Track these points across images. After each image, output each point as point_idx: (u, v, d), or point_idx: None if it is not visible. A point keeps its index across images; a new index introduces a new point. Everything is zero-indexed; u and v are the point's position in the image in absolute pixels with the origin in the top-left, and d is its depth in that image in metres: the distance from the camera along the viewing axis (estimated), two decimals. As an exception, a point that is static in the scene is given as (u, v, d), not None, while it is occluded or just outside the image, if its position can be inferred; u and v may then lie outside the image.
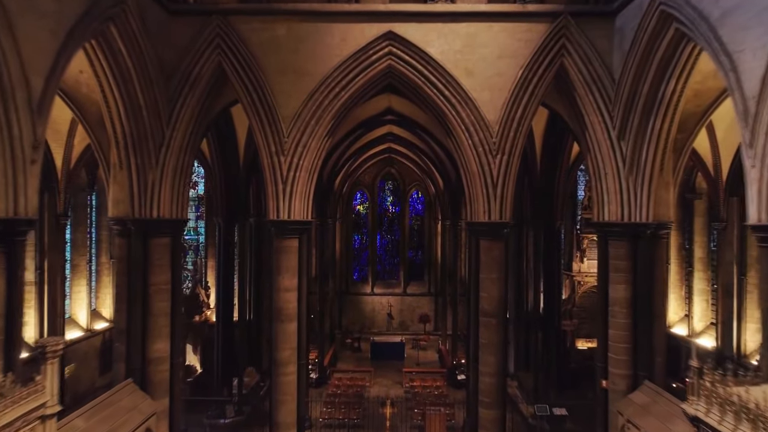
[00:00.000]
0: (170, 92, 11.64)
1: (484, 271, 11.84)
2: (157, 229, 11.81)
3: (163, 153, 11.72)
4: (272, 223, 11.91)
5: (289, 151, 11.76)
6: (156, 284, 11.80)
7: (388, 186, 33.73)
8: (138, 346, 11.69)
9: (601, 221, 12.13)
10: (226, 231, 18.21)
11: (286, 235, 11.85)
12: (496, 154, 11.73)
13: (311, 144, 11.85)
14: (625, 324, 11.61)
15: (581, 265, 21.43)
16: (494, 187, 11.75)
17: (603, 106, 11.54)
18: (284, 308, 11.78)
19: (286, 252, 11.84)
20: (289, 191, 11.80)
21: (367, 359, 26.95)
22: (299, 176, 11.84)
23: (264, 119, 11.71)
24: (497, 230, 11.82)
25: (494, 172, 11.75)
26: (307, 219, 12.20)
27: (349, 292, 32.51)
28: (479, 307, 12.00)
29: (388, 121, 19.88)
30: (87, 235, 20.16)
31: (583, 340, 22.53)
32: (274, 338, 11.90)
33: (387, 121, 19.88)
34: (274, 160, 11.77)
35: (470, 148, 11.81)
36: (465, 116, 11.73)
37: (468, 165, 11.96)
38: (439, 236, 31.89)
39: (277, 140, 11.74)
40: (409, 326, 31.99)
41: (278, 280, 11.82)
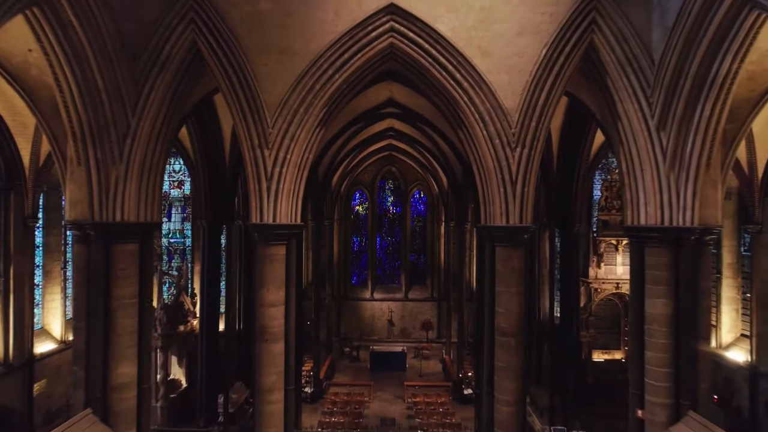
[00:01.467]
0: (136, 75, 10.00)
1: (502, 283, 10.19)
2: (121, 234, 10.17)
3: (128, 145, 10.09)
4: (255, 228, 10.27)
5: (275, 144, 10.13)
6: (120, 298, 10.16)
7: (388, 185, 32.11)
8: (99, 370, 10.05)
9: (635, 225, 10.48)
10: (211, 234, 16.57)
11: (270, 241, 10.21)
12: (516, 146, 10.08)
13: (300, 135, 10.21)
14: (666, 345, 9.96)
15: (598, 271, 19.80)
16: (513, 185, 10.11)
17: (640, 91, 9.89)
18: (268, 326, 10.13)
19: (271, 261, 10.20)
20: (274, 190, 10.16)
21: (367, 370, 25.34)
22: (286, 172, 10.20)
23: (245, 106, 10.07)
24: (517, 235, 10.17)
25: (513, 168, 10.10)
26: (296, 222, 10.56)
27: (347, 297, 30.89)
28: (495, 324, 10.35)
29: (388, 115, 18.22)
30: (61, 239, 18.51)
31: (599, 352, 20.92)
32: (257, 361, 10.26)
33: (388, 115, 18.22)
34: (256, 153, 10.14)
35: (485, 140, 10.16)
36: (479, 103, 10.09)
37: (482, 160, 10.32)
38: (442, 238, 30.26)
39: (260, 131, 10.10)
40: (411, 333, 30.37)
41: (261, 293, 10.18)
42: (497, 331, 10.26)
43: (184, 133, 15.75)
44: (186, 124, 14.85)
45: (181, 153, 16.39)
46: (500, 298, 10.24)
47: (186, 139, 15.84)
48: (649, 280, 10.24)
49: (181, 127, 12.00)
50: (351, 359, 26.80)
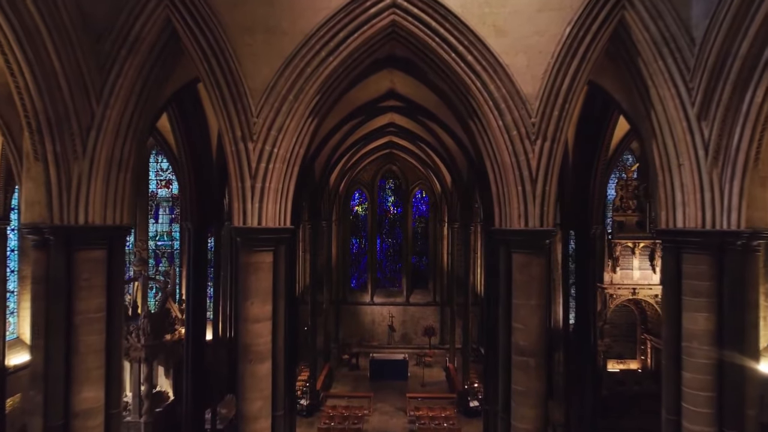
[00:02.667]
0: (101, 58, 8.73)
1: (520, 294, 8.92)
2: (85, 238, 8.89)
3: (93, 138, 8.81)
4: (237, 232, 9.01)
5: (260, 136, 8.85)
6: (84, 312, 8.88)
7: (389, 185, 30.86)
8: (60, 394, 8.78)
9: (670, 228, 9.21)
10: (197, 236, 15.29)
11: (255, 247, 8.93)
12: (536, 139, 8.81)
13: (289, 126, 8.94)
14: (707, 366, 8.70)
15: (613, 276, 18.53)
16: (533, 183, 8.83)
17: (678, 75, 8.62)
18: (252, 345, 8.86)
19: (256, 269, 8.92)
20: (259, 189, 8.88)
21: (366, 378, 24.08)
22: (273, 169, 8.92)
23: (226, 93, 8.80)
24: (537, 240, 8.90)
25: (533, 164, 8.82)
26: (285, 225, 9.29)
27: (346, 301, 29.63)
28: (511, 341, 9.07)
29: (389, 109, 16.97)
30: (38, 242, 17.21)
31: (614, 362, 19.68)
32: (240, 384, 8.98)
33: (388, 109, 16.96)
34: (239, 147, 8.87)
35: (501, 131, 8.89)
36: (494, 89, 8.81)
37: (497, 154, 9.04)
38: (445, 240, 28.99)
39: (243, 120, 8.82)
40: (413, 339, 29.11)
41: (245, 306, 8.91)
42: (514, 350, 8.98)
43: (167, 128, 14.48)
44: (169, 117, 13.61)
45: (165, 149, 15.13)
46: (518, 312, 8.96)
47: (169, 134, 14.57)
48: (687, 290, 8.97)
49: (158, 119, 10.72)
50: (350, 367, 25.54)
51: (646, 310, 19.32)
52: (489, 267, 15.34)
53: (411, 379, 23.98)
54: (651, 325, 19.24)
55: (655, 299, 18.61)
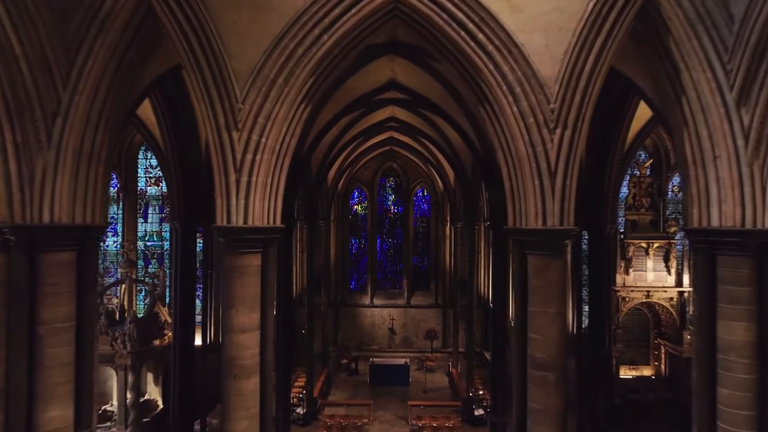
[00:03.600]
0: (67, 38, 7.78)
1: (536, 301, 7.98)
2: (51, 239, 7.97)
3: (59, 127, 7.88)
4: (220, 232, 8.07)
5: (245, 124, 7.90)
6: (49, 321, 7.95)
7: (389, 183, 29.93)
8: (22, 412, 7.86)
9: (703, 227, 8.27)
10: (185, 236, 14.37)
11: (241, 249, 7.99)
12: (555, 127, 7.86)
13: (278, 113, 7.99)
14: (747, 381, 7.77)
15: (626, 278, 17.53)
16: (552, 177, 7.89)
17: (714, 56, 7.68)
18: (238, 358, 7.92)
19: (242, 274, 7.97)
20: (245, 183, 7.94)
21: (366, 384, 23.12)
22: (260, 161, 7.98)
23: (207, 76, 7.85)
24: (556, 241, 7.96)
25: (552, 155, 7.88)
26: (274, 224, 8.34)
27: (345, 303, 28.70)
28: (528, 354, 8.13)
29: (390, 101, 16.06)
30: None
31: (626, 368, 18.69)
32: (224, 401, 8.06)
33: (389, 101, 16.06)
34: (222, 136, 7.92)
35: (516, 119, 7.95)
36: (508, 71, 7.87)
37: (512, 145, 8.10)
38: (447, 240, 28.07)
39: (227, 107, 7.87)
40: (414, 342, 28.18)
41: (230, 315, 7.97)
42: (531, 363, 8.04)
43: (153, 121, 13.54)
44: (153, 108, 12.69)
45: (151, 144, 14.20)
46: (535, 321, 8.02)
47: (155, 127, 13.63)
48: (724, 297, 8.04)
49: (137, 107, 9.79)
50: (349, 372, 24.59)
51: (659, 314, 18.35)
52: (497, 269, 14.43)
53: (412, 384, 23.04)
54: (665, 330, 18.27)
55: (669, 302, 17.66)
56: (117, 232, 19.28)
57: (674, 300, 17.64)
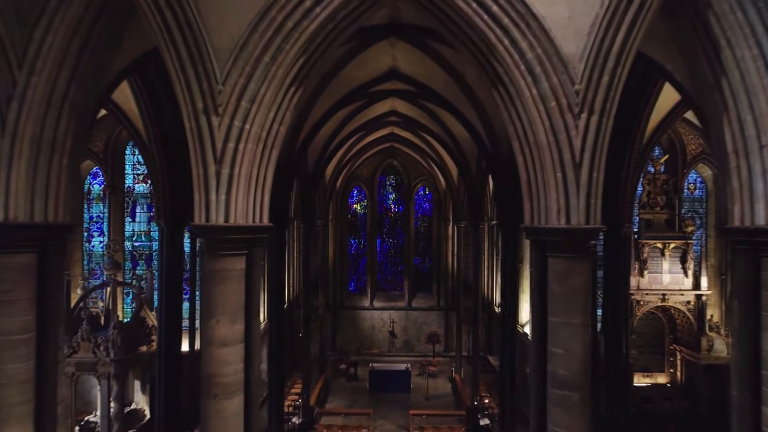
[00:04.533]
0: (23, 10, 6.81)
1: (559, 310, 7.00)
2: (5, 240, 6.99)
3: (15, 111, 6.90)
4: (199, 231, 7.10)
5: (227, 108, 6.92)
6: (3, 333, 7.00)
7: (389, 181, 28.96)
8: (-27, 437, 6.91)
9: (746, 226, 7.30)
10: (171, 236, 13.40)
11: (221, 251, 7.01)
12: (580, 111, 6.89)
13: (264, 95, 7.02)
14: (800, 401, 6.80)
15: (641, 280, 16.59)
16: (576, 169, 6.92)
17: (762, 31, 6.70)
18: (218, 375, 6.92)
19: (222, 279, 6.99)
20: (226, 176, 6.96)
21: (365, 390, 22.15)
22: (244, 150, 7.01)
23: (183, 53, 6.87)
24: (581, 242, 7.00)
25: (576, 143, 6.91)
26: (261, 223, 7.37)
27: (344, 305, 27.75)
28: (548, 370, 7.16)
29: (391, 93, 15.13)
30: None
31: (640, 375, 17.71)
32: (203, 425, 7.06)
33: (390, 93, 15.13)
34: (200, 122, 6.94)
35: (535, 102, 6.97)
36: (526, 47, 6.89)
37: (530, 132, 7.13)
38: (450, 240, 27.12)
39: (205, 88, 6.90)
40: (415, 346, 27.25)
41: (209, 326, 6.99)
42: (552, 381, 7.06)
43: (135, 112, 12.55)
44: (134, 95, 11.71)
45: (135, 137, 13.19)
46: (556, 333, 7.05)
47: (138, 119, 12.64)
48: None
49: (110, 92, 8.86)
50: (348, 377, 23.61)
51: (675, 318, 17.39)
52: (506, 271, 13.46)
53: (414, 391, 22.07)
54: (681, 335, 17.32)
55: (686, 306, 16.71)
56: (103, 232, 18.31)
57: (691, 304, 16.68)
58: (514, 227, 13.50)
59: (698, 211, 18.85)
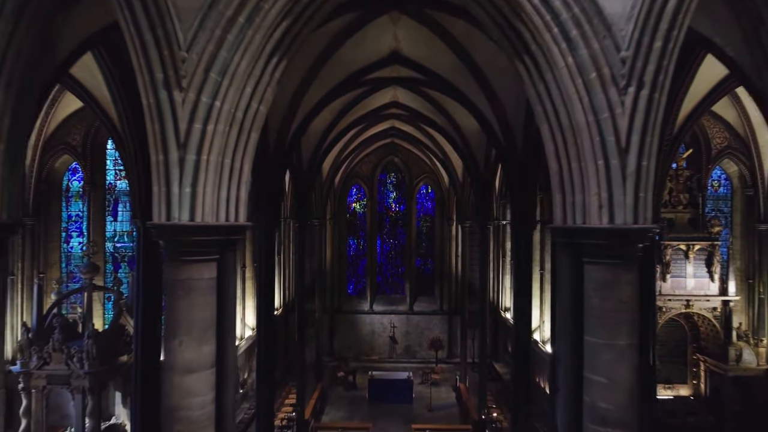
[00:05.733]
0: (-57, -43, 5.54)
1: (599, 329, 5.72)
2: None
3: (-68, 85, 5.63)
4: (158, 231, 5.80)
5: (192, 80, 5.63)
6: None
7: (390, 178, 27.70)
8: None
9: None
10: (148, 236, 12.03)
11: (186, 256, 5.71)
12: (627, 85, 5.60)
13: (239, 65, 5.73)
14: None
15: (663, 285, 15.32)
16: (622, 155, 5.63)
17: None
18: (182, 408, 5.62)
19: (188, 291, 5.69)
20: (191, 164, 5.66)
21: (365, 400, 20.87)
22: (213, 132, 5.71)
23: (140, 14, 5.57)
24: (629, 245, 5.73)
25: (623, 124, 5.62)
26: (235, 222, 6.07)
27: (342, 309, 26.49)
28: (584, 401, 5.85)
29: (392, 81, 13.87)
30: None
31: (661, 387, 16.39)
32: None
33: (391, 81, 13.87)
34: (160, 97, 5.65)
35: (571, 73, 5.69)
36: (560, 5, 5.61)
37: (565, 111, 5.84)
38: (454, 241, 25.84)
39: (166, 56, 5.60)
40: (417, 352, 25.98)
41: (171, 349, 5.70)
42: (590, 415, 5.76)
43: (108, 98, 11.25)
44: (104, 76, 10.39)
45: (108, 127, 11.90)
46: (596, 357, 5.76)
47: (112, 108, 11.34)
48: None
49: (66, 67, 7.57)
50: (346, 386, 22.31)
51: (699, 326, 16.10)
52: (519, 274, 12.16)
53: (416, 401, 20.77)
54: (706, 344, 16.03)
55: (712, 313, 15.44)
56: (82, 232, 17.02)
57: (718, 310, 15.41)
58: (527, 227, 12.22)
59: (722, 209, 17.57)
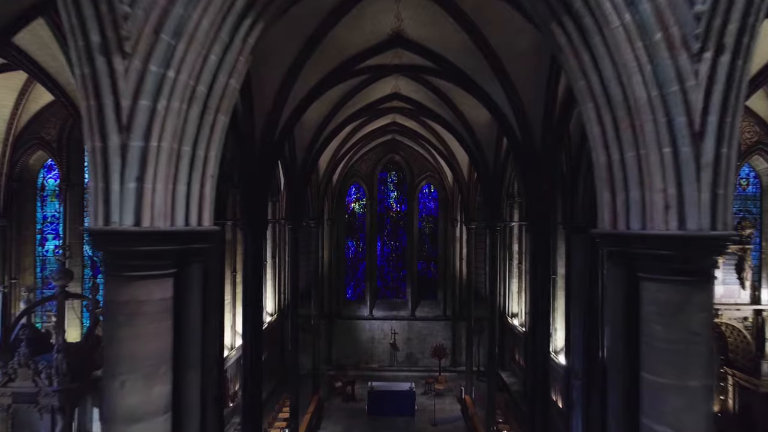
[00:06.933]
0: None
1: (662, 365, 4.45)
2: None
3: None
4: (95, 239, 4.51)
5: (138, 44, 4.35)
6: None
7: (391, 177, 26.45)
8: None
9: None
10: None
11: (130, 271, 4.43)
12: (702, 49, 4.32)
13: (199, 25, 4.46)
14: None
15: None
16: (696, 140, 4.36)
17: None
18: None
19: (132, 318, 4.41)
20: (137, 152, 4.38)
21: (364, 413, 19.61)
22: (166, 111, 4.43)
23: (70, -43, 4.30)
24: (702, 257, 4.44)
25: (696, 99, 4.34)
26: (198, 226, 4.79)
27: (340, 315, 25.24)
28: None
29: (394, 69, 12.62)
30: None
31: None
32: None
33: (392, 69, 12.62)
34: (96, 65, 4.36)
35: (628, 35, 4.42)
36: (615, -53, 4.33)
37: (619, 84, 4.56)
38: (458, 243, 24.59)
39: (104, 12, 4.30)
40: (419, 360, 24.73)
41: (111, 390, 4.43)
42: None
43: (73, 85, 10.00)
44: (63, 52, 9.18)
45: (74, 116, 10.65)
46: (660, 401, 4.48)
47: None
48: None
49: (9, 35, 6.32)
50: (344, 397, 21.03)
51: (727, 337, 14.87)
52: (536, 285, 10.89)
53: (419, 413, 19.52)
54: (735, 357, 14.80)
55: (743, 323, 14.20)
56: (59, 234, 15.77)
57: (749, 320, 14.17)
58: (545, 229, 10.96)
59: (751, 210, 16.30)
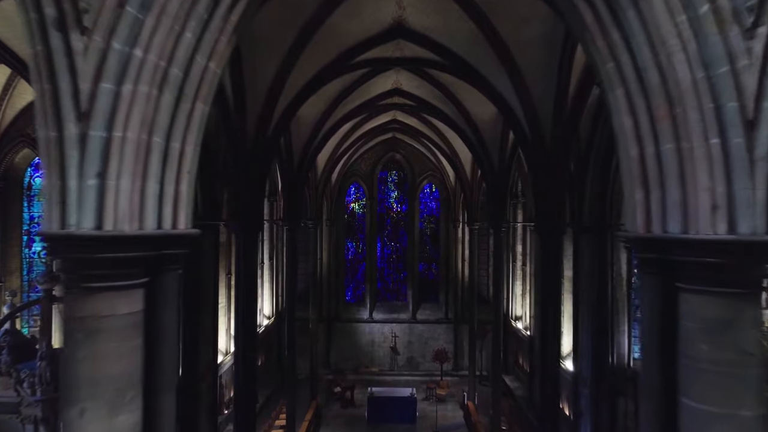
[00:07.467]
0: None
1: (708, 391, 3.85)
2: None
3: None
4: (50, 244, 3.91)
5: (99, 18, 3.75)
6: None
7: (391, 177, 25.89)
8: None
9: None
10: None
11: (92, 282, 3.83)
12: (756, 23, 3.71)
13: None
14: None
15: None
16: (748, 129, 3.76)
17: None
18: None
19: (94, 334, 3.81)
20: (98, 144, 3.78)
21: (363, 420, 19.01)
22: (132, 95, 3.82)
23: None
24: (756, 266, 3.82)
25: (749, 83, 3.74)
26: (172, 229, 4.18)
27: (339, 318, 24.67)
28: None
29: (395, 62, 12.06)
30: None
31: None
32: None
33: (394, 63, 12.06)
34: (51, 43, 3.76)
35: (669, 7, 3.80)
36: None
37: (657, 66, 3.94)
38: (460, 244, 24.04)
39: (58, -19, 3.72)
40: (420, 364, 24.17)
41: (70, 420, 3.83)
42: None
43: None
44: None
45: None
46: (702, 429, 3.87)
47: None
48: None
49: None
50: (343, 403, 20.43)
51: None
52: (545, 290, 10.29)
53: (420, 419, 18.93)
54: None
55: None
56: (46, 236, 15.22)
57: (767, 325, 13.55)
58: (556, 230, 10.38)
59: None
